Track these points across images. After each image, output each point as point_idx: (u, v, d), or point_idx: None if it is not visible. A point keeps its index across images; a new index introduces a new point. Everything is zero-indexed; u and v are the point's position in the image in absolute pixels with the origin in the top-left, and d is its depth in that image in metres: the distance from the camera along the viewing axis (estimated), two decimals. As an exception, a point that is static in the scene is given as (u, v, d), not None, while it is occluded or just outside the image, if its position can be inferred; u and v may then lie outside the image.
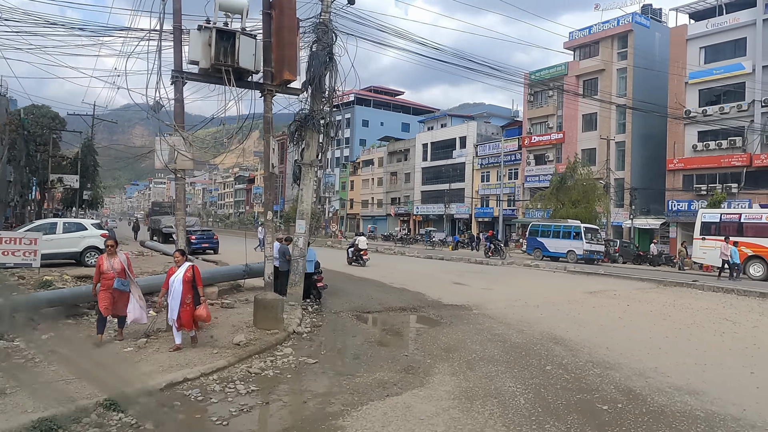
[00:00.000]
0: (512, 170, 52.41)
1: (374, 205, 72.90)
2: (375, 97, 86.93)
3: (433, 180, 62.13)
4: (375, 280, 16.50)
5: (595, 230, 30.73)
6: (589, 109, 45.92)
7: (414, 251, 35.40)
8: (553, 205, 34.87)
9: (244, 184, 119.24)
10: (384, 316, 11.30)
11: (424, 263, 22.71)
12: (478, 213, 56.01)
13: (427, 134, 64.12)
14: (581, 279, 17.61)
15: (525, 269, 20.71)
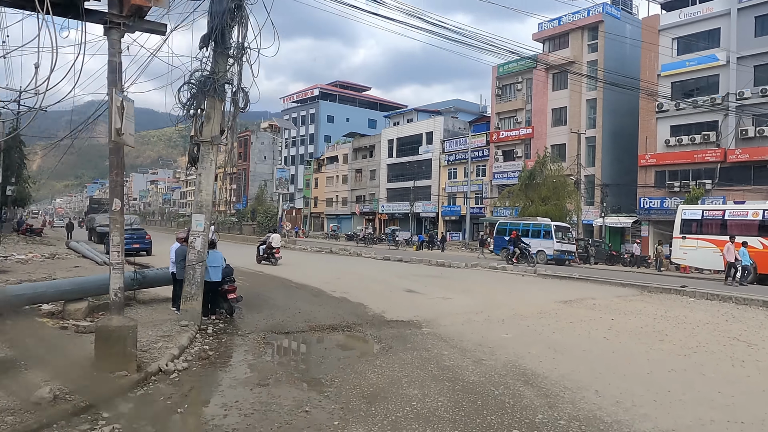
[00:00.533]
0: (480, 167, 50.45)
1: (339, 204, 70.22)
2: (341, 92, 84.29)
3: (399, 177, 59.80)
4: (314, 287, 13.93)
5: (566, 229, 28.77)
6: (558, 103, 44.25)
7: (374, 252, 32.94)
8: (521, 203, 32.84)
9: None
10: (305, 338, 8.74)
11: (380, 266, 20.24)
12: (445, 211, 53.88)
13: (393, 130, 61.74)
14: (554, 284, 15.41)
15: (491, 273, 18.44)
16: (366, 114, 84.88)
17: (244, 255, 22.60)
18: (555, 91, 44.54)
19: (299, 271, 17.75)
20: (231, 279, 10.13)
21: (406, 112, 62.11)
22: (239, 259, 20.18)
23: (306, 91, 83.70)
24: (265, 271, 17.59)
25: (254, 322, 9.60)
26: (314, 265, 19.83)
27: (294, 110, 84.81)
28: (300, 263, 20.90)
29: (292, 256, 24.70)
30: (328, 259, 23.00)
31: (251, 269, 18.25)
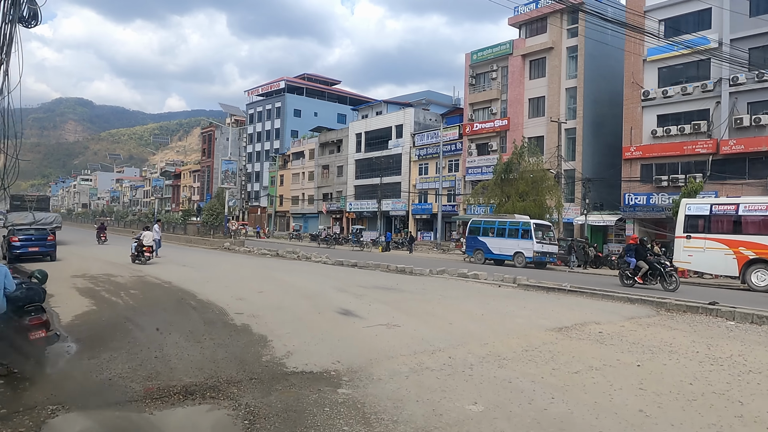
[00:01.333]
0: (453, 161, 47.09)
1: (305, 202, 66.24)
2: (308, 85, 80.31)
3: (367, 173, 56.12)
4: (218, 307, 10.17)
5: (547, 227, 25.47)
6: (536, 92, 41.13)
7: (327, 255, 29.19)
8: (497, 199, 29.42)
9: (171, 180, 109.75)
10: (118, 422, 4.94)
11: (326, 273, 16.47)
12: (415, 209, 50.40)
13: (361, 123, 58.03)
14: (540, 299, 11.90)
15: (460, 283, 14.78)
16: (335, 108, 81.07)
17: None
18: (532, 80, 41.39)
19: (217, 282, 13.94)
20: (35, 309, 6.25)
21: (376, 104, 58.50)
22: (163, 268, 16.38)
23: (272, 84, 79.45)
24: (173, 282, 13.72)
25: (60, 381, 5.80)
26: (242, 273, 16.01)
27: (259, 104, 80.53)
28: (227, 271, 17.12)
29: (225, 261, 20.86)
30: (267, 264, 19.20)
31: (156, 279, 14.38)
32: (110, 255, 23.57)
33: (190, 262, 19.96)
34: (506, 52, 42.62)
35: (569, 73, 39.08)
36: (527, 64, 41.72)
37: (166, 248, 30.45)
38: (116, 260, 20.18)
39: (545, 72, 40.33)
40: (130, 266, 17.85)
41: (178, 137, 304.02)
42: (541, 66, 40.77)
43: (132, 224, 49.51)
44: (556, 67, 39.45)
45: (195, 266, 18.14)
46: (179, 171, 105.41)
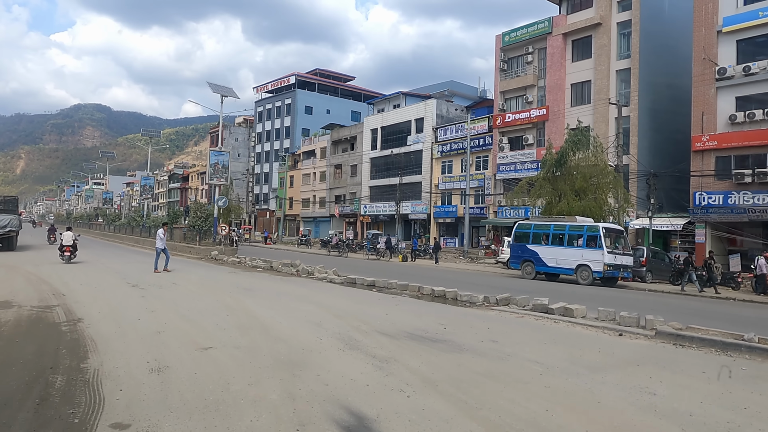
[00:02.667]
0: (481, 158, 41.63)
1: (316, 205, 61.13)
2: (320, 80, 75.29)
3: (384, 173, 50.84)
4: (95, 395, 4.82)
5: (619, 233, 19.86)
6: (580, 76, 35.55)
7: (333, 271, 23.89)
8: (546, 197, 23.86)
9: (179, 183, 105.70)
10: None
11: (326, 302, 10.87)
12: (437, 212, 44.96)
13: (377, 117, 52.77)
14: (649, 356, 6.55)
15: (547, 326, 8.85)
16: (349, 105, 76.02)
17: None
18: (575, 62, 35.82)
19: (154, 320, 8.70)
20: None
21: (393, 96, 53.21)
22: (100, 292, 11.21)
23: (282, 80, 74.57)
24: (86, 320, 8.57)
25: None
26: (202, 303, 10.70)
27: (268, 101, 75.81)
28: (186, 296, 11.88)
29: (195, 280, 15.66)
30: (249, 284, 13.92)
31: (63, 315, 9.24)
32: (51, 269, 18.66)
33: (149, 279, 14.77)
34: (544, 32, 37.12)
35: (621, 52, 33.47)
36: (569, 44, 36.16)
37: (138, 256, 25.38)
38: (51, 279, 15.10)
39: (591, 52, 34.75)
40: (55, 285, 12.84)
41: (194, 142, 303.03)
42: (586, 46, 35.21)
43: (121, 229, 44.59)
44: (604, 47, 33.85)
45: (150, 287, 12.94)
46: (187, 173, 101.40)
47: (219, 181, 26.77)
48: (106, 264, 20.56)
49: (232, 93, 26.47)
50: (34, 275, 15.45)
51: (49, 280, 14.18)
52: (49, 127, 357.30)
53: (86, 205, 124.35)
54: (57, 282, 13.84)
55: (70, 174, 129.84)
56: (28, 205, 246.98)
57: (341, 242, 37.10)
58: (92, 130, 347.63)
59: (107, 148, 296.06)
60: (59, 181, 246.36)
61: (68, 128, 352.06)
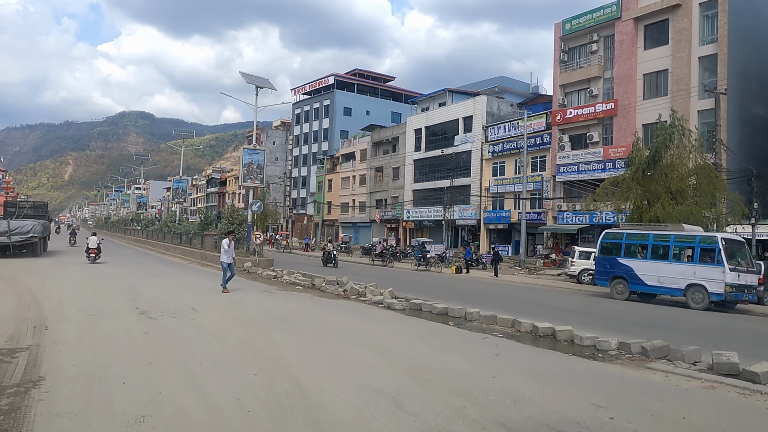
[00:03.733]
0: (537, 159, 37.97)
1: (356, 209, 58.30)
2: (360, 81, 72.71)
3: (428, 175, 47.64)
4: None
5: (741, 245, 16.05)
6: (654, 65, 31.61)
7: (382, 276, 20.84)
8: (635, 201, 20.14)
9: (216, 188, 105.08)
10: None
11: (391, 346, 7.72)
12: (488, 218, 41.41)
13: (421, 117, 49.59)
14: None
15: (715, 397, 5.68)
16: (389, 106, 73.15)
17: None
18: (649, 50, 31.89)
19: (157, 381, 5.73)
20: None
21: (438, 94, 49.91)
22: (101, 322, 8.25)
23: (320, 80, 72.27)
24: (62, 340, 5.65)
25: None
26: (225, 345, 7.78)
27: (306, 103, 73.67)
28: (201, 331, 8.96)
29: (219, 304, 12.78)
30: (283, 312, 10.93)
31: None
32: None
33: (164, 302, 11.97)
34: (612, 17, 33.31)
35: (704, 37, 29.42)
36: (641, 29, 32.26)
37: (163, 267, 22.84)
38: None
39: (668, 38, 30.80)
40: (46, 311, 10.19)
41: (232, 148, 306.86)
42: (662, 31, 31.26)
43: (152, 235, 42.47)
44: (684, 31, 29.86)
45: (161, 315, 10.12)
46: (225, 178, 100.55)
47: (253, 183, 24.01)
48: (123, 276, 18.01)
49: (267, 84, 23.78)
50: (30, 293, 12.88)
51: (44, 302, 11.54)
52: (95, 134, 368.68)
53: (122, 210, 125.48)
54: (52, 305, 11.18)
55: (108, 179, 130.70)
56: (73, 209, 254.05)
57: (386, 250, 33.93)
58: (136, 136, 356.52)
59: (150, 154, 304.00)
60: (100, 186, 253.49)
61: (113, 135, 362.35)
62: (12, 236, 25.90)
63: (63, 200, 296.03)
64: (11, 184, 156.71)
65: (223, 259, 14.56)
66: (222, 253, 14.70)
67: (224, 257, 14.56)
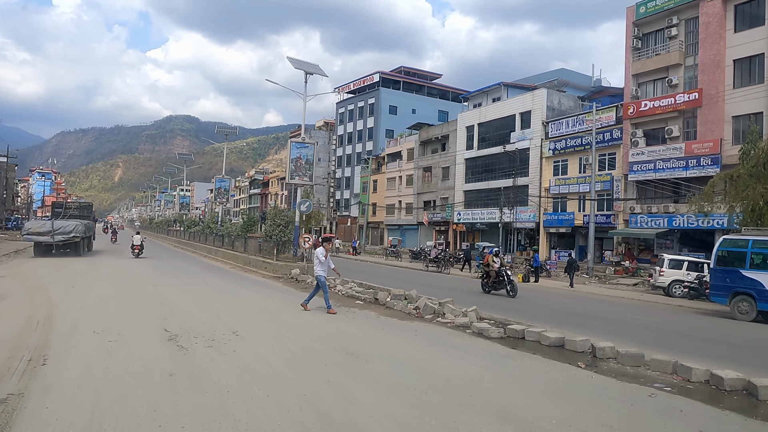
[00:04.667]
0: (605, 156, 34.63)
1: (402, 211, 55.83)
2: (405, 78, 70.29)
3: (481, 175, 44.77)
4: None
5: None
6: (746, 50, 27.97)
7: (444, 287, 18.21)
8: (752, 201, 16.86)
9: (259, 189, 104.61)
10: None
11: (510, 392, 5.70)
12: (548, 221, 38.23)
13: (473, 113, 46.72)
14: None
15: None
16: (436, 104, 70.49)
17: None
18: (740, 32, 28.23)
19: None
20: None
21: (492, 89, 46.91)
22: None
23: (365, 78, 70.20)
24: (58, 384, 3.34)
25: None
26: (255, 392, 5.48)
27: (350, 101, 71.75)
28: (242, 366, 6.66)
29: (269, 313, 10.51)
30: (349, 337, 8.52)
31: None
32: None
33: (201, 323, 9.74)
34: (695, -4, 29.77)
35: (810, 14, 25.66)
36: (730, 9, 28.63)
37: (204, 273, 20.85)
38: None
39: (765, 17, 27.10)
40: (54, 334, 8.09)
41: (274, 150, 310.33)
42: (758, 9, 27.59)
43: (194, 236, 40.94)
44: (785, 8, 26.14)
45: (194, 344, 7.87)
46: (267, 179, 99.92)
47: (301, 180, 21.78)
48: (157, 284, 16.05)
49: (317, 69, 21.56)
50: (47, 306, 10.94)
51: (58, 319, 9.54)
52: (143, 137, 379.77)
53: (166, 211, 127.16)
54: (65, 324, 9.13)
55: (153, 179, 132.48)
56: (121, 210, 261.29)
57: (441, 255, 31.20)
58: (182, 139, 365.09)
59: (195, 156, 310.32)
60: (145, 187, 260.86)
61: (161, 138, 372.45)
62: (55, 236, 26.55)
63: (113, 201, 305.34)
64: (62, 185, 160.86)
65: (318, 271, 12.08)
66: (316, 265, 12.19)
67: (319, 269, 12.10)
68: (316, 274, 12.07)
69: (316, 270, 12.12)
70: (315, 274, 12.17)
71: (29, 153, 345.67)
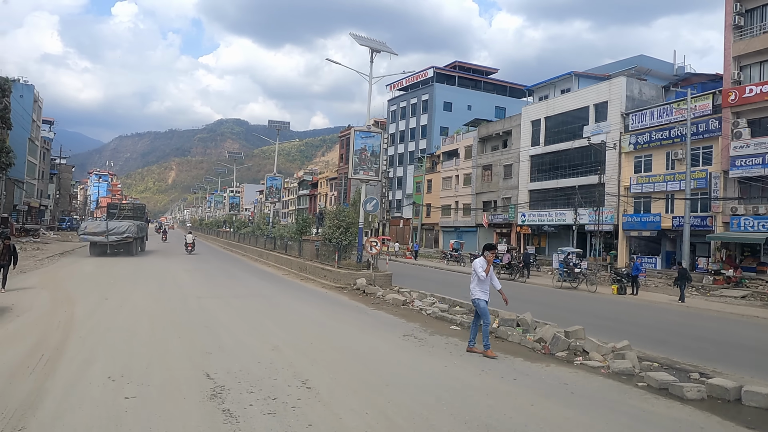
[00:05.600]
0: (699, 150, 30.58)
1: (458, 212, 52.64)
2: (460, 74, 67.08)
3: (548, 173, 41.20)
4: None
5: None
6: None
7: (528, 299, 15.11)
8: None
9: (308, 190, 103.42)
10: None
11: None
12: (629, 223, 34.38)
13: (540, 106, 43.12)
14: None
15: None
16: (493, 100, 66.92)
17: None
18: None
19: None
20: None
21: (560, 80, 43.13)
22: None
23: (418, 74, 67.34)
24: None
25: None
26: None
27: (402, 98, 69.09)
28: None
29: (339, 341, 7.86)
30: (478, 399, 5.66)
31: None
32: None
33: (252, 359, 7.13)
34: (816, -38, 25.51)
35: None
36: None
37: (256, 281, 18.43)
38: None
39: None
40: (60, 378, 5.63)
41: (321, 152, 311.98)
42: None
43: (244, 238, 38.96)
44: None
45: (242, 400, 5.23)
46: (316, 179, 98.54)
47: (367, 174, 19.13)
48: (202, 296, 13.70)
49: (384, 47, 18.88)
50: (61, 332, 8.58)
51: (69, 352, 7.14)
52: (196, 140, 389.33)
53: (216, 212, 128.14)
54: (75, 363, 6.67)
55: (204, 180, 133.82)
56: (174, 211, 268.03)
57: (516, 261, 27.85)
58: (232, 142, 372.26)
59: (245, 159, 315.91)
60: (196, 188, 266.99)
61: (212, 141, 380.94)
62: (109, 236, 27.28)
63: (167, 203, 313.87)
64: (117, 187, 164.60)
65: (476, 293, 8.25)
66: (474, 284, 8.31)
67: (477, 290, 8.26)
68: (473, 297, 8.29)
69: (473, 291, 8.31)
70: (471, 297, 8.38)
71: (89, 156, 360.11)
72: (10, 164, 34.25)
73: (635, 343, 8.88)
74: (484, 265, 8.25)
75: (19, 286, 14.06)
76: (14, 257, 13.48)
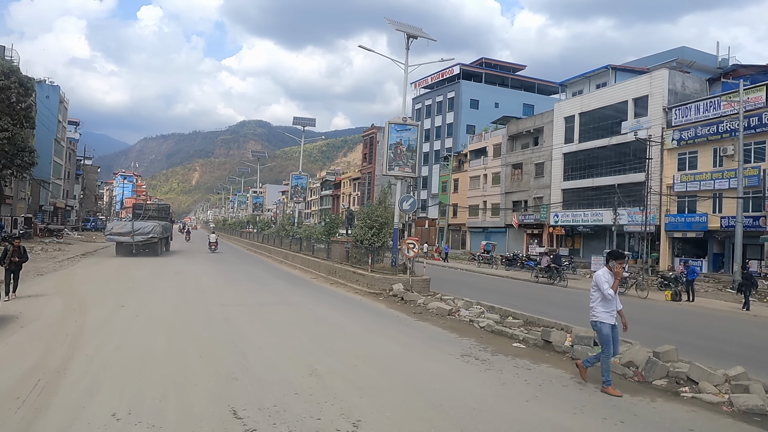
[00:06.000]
0: (752, 145, 28.64)
1: (487, 212, 51.02)
2: (487, 71, 65.39)
3: (582, 171, 39.37)
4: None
5: None
6: None
7: (573, 306, 13.58)
8: None
9: (330, 190, 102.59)
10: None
11: None
12: (672, 224, 32.48)
13: (573, 102, 41.33)
14: None
15: None
16: (520, 97, 65.12)
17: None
18: None
19: None
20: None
21: (596, 74, 41.22)
22: None
23: (443, 72, 65.84)
24: None
25: None
26: None
27: (427, 96, 67.70)
28: None
29: (385, 366, 6.61)
30: None
31: None
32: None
33: (295, 396, 5.89)
34: None
35: None
36: None
37: (283, 285, 17.25)
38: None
39: None
40: (56, 414, 4.39)
41: (342, 153, 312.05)
42: None
43: (267, 239, 37.92)
44: None
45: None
46: (339, 180, 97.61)
47: (402, 171, 17.80)
48: (226, 303, 12.56)
49: (421, 33, 17.56)
50: (67, 348, 7.47)
51: (70, 382, 5.97)
52: (219, 142, 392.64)
53: (239, 212, 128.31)
54: (75, 394, 5.50)
55: (227, 180, 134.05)
56: (197, 212, 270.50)
57: (556, 264, 26.13)
58: (254, 143, 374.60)
59: (267, 159, 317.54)
60: (219, 189, 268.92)
61: (234, 143, 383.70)
62: (135, 236, 27.52)
63: (190, 204, 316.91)
64: (142, 188, 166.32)
65: (599, 314, 6.53)
66: (596, 302, 6.59)
67: (600, 310, 6.55)
68: (595, 319, 6.55)
69: (594, 312, 6.55)
70: (592, 319, 6.62)
71: (115, 158, 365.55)
72: (33, 164, 33.79)
73: (727, 363, 7.45)
74: (610, 279, 6.46)
75: (31, 291, 13.11)
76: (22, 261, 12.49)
